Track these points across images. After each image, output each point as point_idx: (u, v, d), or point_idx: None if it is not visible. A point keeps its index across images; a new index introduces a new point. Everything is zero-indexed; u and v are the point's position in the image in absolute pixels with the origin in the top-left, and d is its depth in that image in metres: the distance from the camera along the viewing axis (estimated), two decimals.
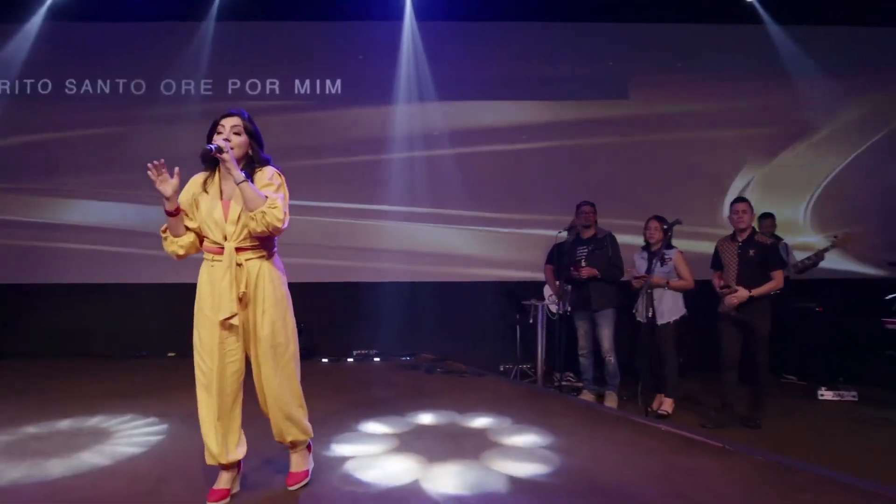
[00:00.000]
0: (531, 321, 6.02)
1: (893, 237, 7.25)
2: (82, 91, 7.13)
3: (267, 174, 2.73)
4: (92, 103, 7.11)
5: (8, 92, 7.08)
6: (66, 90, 7.12)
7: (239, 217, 2.67)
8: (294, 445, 2.94)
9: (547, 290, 5.92)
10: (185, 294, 7.26)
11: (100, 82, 7.13)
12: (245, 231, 2.67)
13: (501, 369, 6.61)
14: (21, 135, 7.09)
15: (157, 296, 6.95)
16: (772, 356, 5.74)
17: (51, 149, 7.07)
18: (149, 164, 2.64)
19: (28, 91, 7.11)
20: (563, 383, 5.61)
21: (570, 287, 5.34)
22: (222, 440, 2.74)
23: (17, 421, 4.03)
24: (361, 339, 7.06)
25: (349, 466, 3.25)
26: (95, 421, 4.05)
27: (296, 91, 7.25)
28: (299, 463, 2.98)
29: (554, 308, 5.69)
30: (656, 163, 7.31)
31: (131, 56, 7.07)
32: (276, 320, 2.74)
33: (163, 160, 2.68)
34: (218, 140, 2.64)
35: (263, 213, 2.58)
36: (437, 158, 7.26)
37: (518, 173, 7.25)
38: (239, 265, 2.68)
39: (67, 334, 6.84)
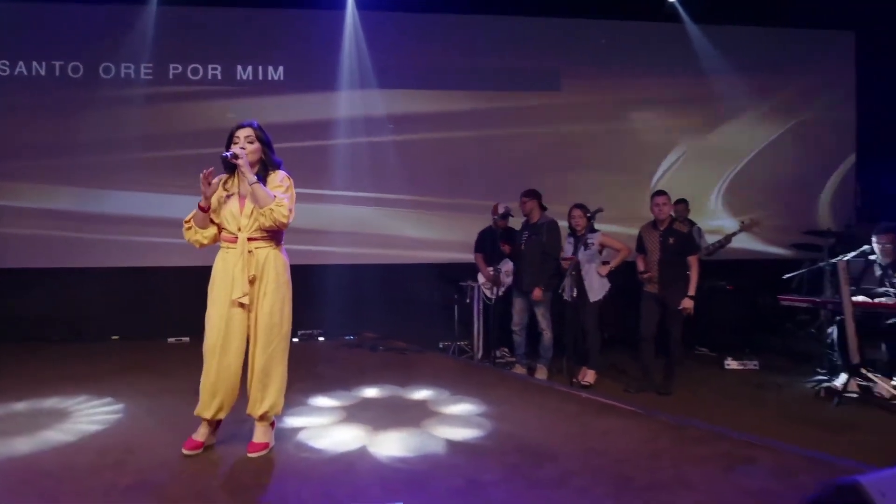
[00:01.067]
0: (468, 301, 6.41)
1: (796, 221, 7.98)
2: (16, 73, 7.00)
3: (278, 178, 3.24)
4: (28, 85, 7.00)
5: None
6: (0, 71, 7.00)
7: (252, 212, 3.12)
8: (262, 418, 3.25)
9: (481, 277, 6.32)
10: (125, 278, 7.37)
11: (35, 64, 7.02)
12: (256, 224, 3.14)
13: (441, 346, 6.98)
14: None
15: (98, 281, 7.00)
16: (686, 330, 6.37)
17: None
18: (203, 172, 3.09)
19: None
20: (498, 359, 6.05)
21: (511, 266, 5.79)
22: (211, 399, 3.14)
23: None
24: (306, 320, 7.29)
25: (302, 436, 3.56)
26: (52, 402, 4.20)
27: (238, 77, 7.35)
28: (261, 435, 3.28)
29: (489, 293, 6.11)
30: (585, 152, 7.80)
31: (69, 38, 6.97)
32: (274, 302, 3.17)
33: (212, 169, 3.13)
34: (234, 148, 3.11)
35: (271, 209, 3.07)
36: (378, 145, 7.51)
37: (455, 160, 7.60)
38: (250, 252, 3.13)
39: (7, 320, 6.81)
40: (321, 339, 7.15)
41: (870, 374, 4.94)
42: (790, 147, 8.19)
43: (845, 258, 5.20)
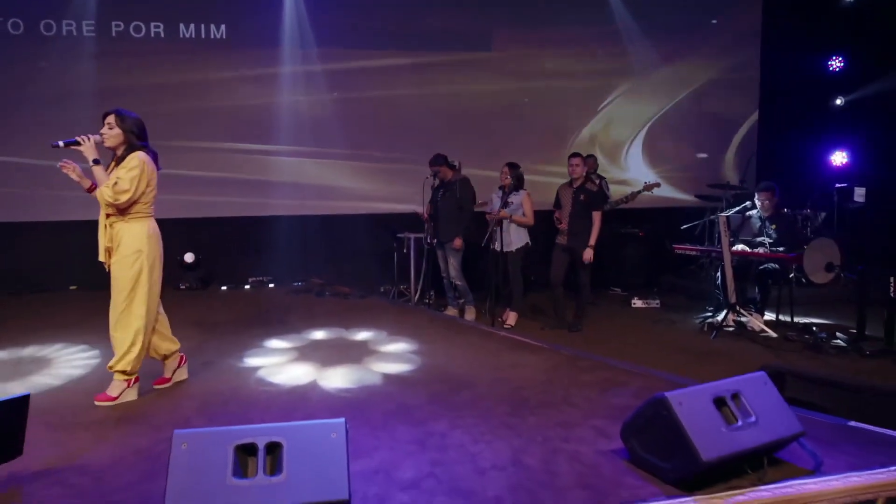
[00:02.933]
0: (405, 251, 7.06)
1: (703, 174, 8.88)
2: None
3: (129, 160, 3.55)
4: None
5: None
6: None
7: None
8: (113, 369, 3.65)
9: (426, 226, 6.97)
10: (76, 230, 7.62)
11: None
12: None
13: (382, 290, 7.65)
14: None
15: (53, 233, 7.30)
16: (600, 272, 7.24)
17: None
18: (60, 167, 3.54)
19: None
20: (429, 301, 6.77)
21: (434, 222, 6.42)
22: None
23: None
24: (256, 268, 7.83)
25: (261, 373, 4.21)
26: (31, 350, 4.70)
27: (181, 35, 7.55)
28: (111, 387, 3.64)
29: (427, 240, 6.78)
30: (513, 109, 8.41)
31: None
32: (119, 270, 3.59)
33: (67, 162, 3.55)
34: (95, 135, 3.57)
35: (101, 191, 3.49)
36: (318, 102, 7.91)
37: (391, 117, 8.09)
38: (110, 226, 3.60)
39: None
40: (271, 285, 7.71)
41: (743, 311, 5.90)
42: (699, 106, 9.01)
43: (727, 213, 6.07)
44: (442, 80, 8.23)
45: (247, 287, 7.65)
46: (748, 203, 6.50)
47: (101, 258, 3.64)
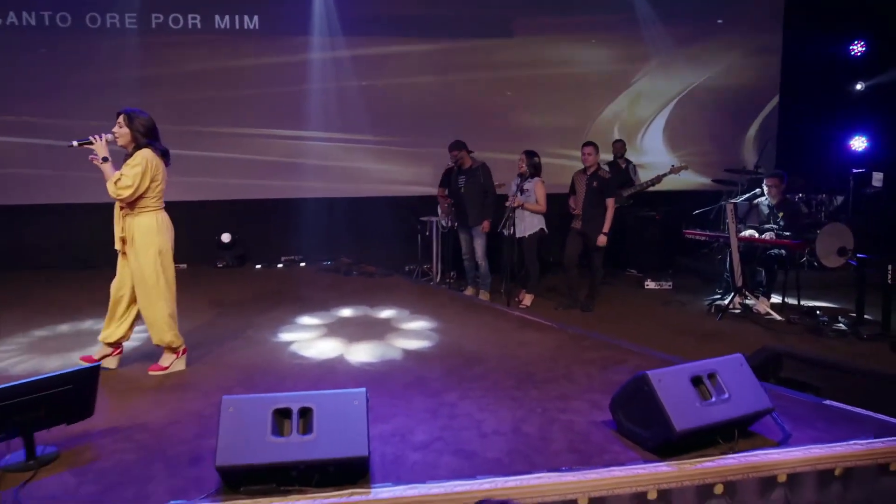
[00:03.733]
0: (427, 234, 7.44)
1: (723, 158, 9.04)
2: (8, 22, 7.52)
3: (134, 157, 3.87)
4: (19, 34, 7.54)
5: None
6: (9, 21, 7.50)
7: None
8: (159, 346, 4.11)
9: (440, 208, 7.32)
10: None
11: (25, 14, 7.55)
12: None
13: (406, 269, 8.06)
14: None
15: (102, 215, 7.80)
16: (618, 254, 7.53)
17: None
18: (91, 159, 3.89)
19: None
20: (450, 281, 7.16)
21: (455, 206, 6.77)
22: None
23: (22, 327, 5.14)
24: (288, 247, 8.30)
25: (293, 347, 4.65)
26: (89, 324, 5.22)
27: (216, 26, 7.96)
28: (162, 359, 4.11)
29: (444, 223, 7.14)
30: (534, 95, 8.67)
31: None
32: (137, 261, 3.96)
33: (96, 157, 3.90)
34: (107, 134, 3.93)
35: (107, 186, 3.83)
36: (344, 89, 8.28)
37: (413, 103, 8.43)
38: (124, 217, 3.98)
39: (24, 250, 7.65)
40: (302, 264, 8.17)
41: (748, 294, 6.16)
42: (720, 89, 9.14)
43: (736, 200, 6.30)
44: (463, 67, 8.51)
45: (279, 266, 8.12)
46: (757, 190, 6.71)
47: (117, 246, 4.03)
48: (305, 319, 5.45)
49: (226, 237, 8.01)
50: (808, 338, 5.43)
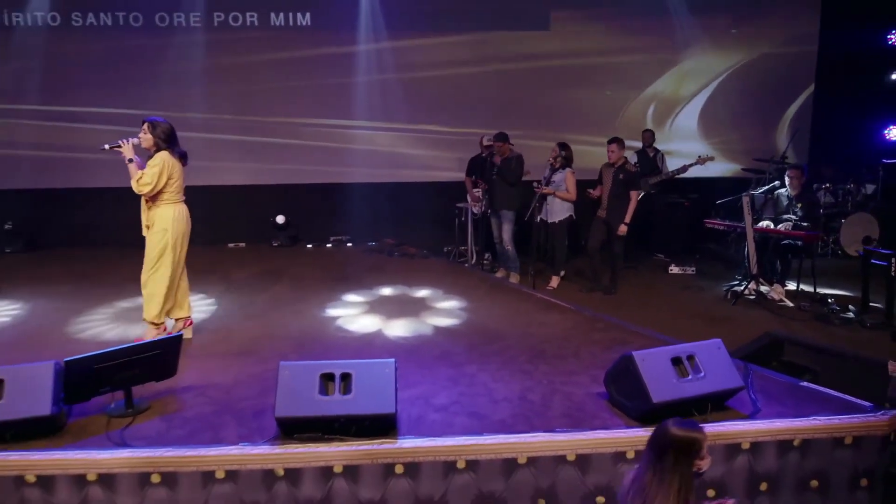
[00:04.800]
0: (462, 219, 7.99)
1: (755, 146, 9.25)
2: (87, 23, 8.34)
3: (153, 160, 4.50)
4: (96, 33, 8.36)
5: (22, 23, 8.24)
6: (73, 22, 8.33)
7: None
8: (145, 321, 4.70)
9: (469, 196, 7.86)
10: (196, 194, 8.75)
11: (102, 15, 8.34)
12: None
13: (445, 250, 8.63)
14: (25, 60, 8.29)
15: None
16: (647, 239, 7.94)
17: (63, 73, 8.39)
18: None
19: (39, 22, 8.28)
20: (485, 263, 7.74)
21: (488, 192, 7.30)
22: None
23: (109, 298, 5.96)
24: (337, 228, 8.99)
25: (338, 322, 5.33)
26: None
27: (271, 23, 8.61)
28: (146, 332, 4.69)
29: (476, 210, 7.67)
30: (570, 85, 9.05)
31: None
32: (149, 245, 4.60)
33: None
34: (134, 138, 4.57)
35: (132, 183, 4.44)
36: (388, 80, 8.84)
37: (452, 93, 8.93)
38: (147, 208, 4.59)
39: (96, 228, 8.52)
40: (349, 244, 8.86)
41: (762, 281, 6.52)
42: (754, 78, 9.32)
43: (753, 192, 6.64)
44: (501, 58, 8.95)
45: (328, 245, 8.83)
46: (776, 182, 7.00)
47: (144, 233, 4.64)
48: (351, 297, 6.12)
49: (280, 218, 8.74)
50: (815, 324, 5.76)
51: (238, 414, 3.58)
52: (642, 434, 3.31)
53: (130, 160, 4.49)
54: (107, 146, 4.55)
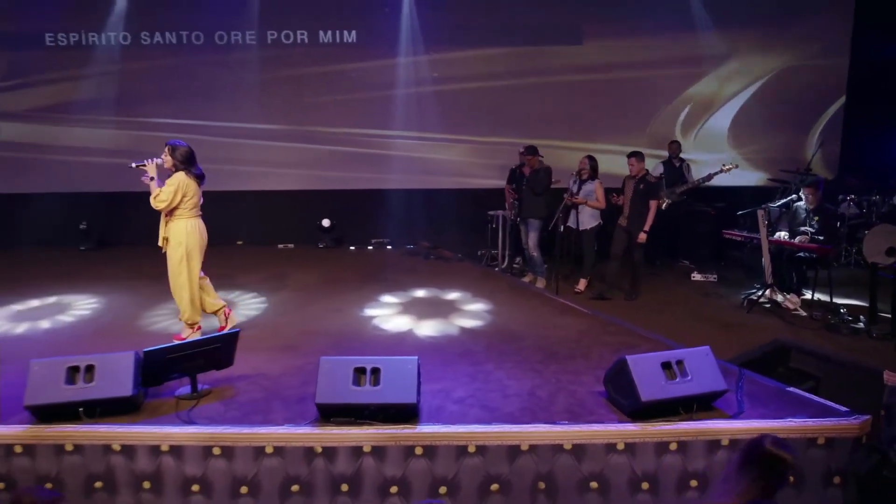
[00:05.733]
0: (493, 226, 8.49)
1: (785, 156, 9.46)
2: (154, 41, 9.17)
3: (171, 179, 5.02)
4: (163, 50, 9.19)
5: (97, 43, 9.11)
6: (142, 41, 9.16)
7: None
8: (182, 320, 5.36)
9: (507, 203, 8.36)
10: (249, 199, 9.50)
11: (168, 34, 9.15)
12: None
13: (479, 254, 9.15)
14: (101, 75, 9.19)
15: (232, 200, 9.38)
16: (672, 246, 8.31)
17: (133, 86, 9.24)
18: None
19: (112, 42, 9.14)
20: (516, 267, 8.23)
21: (518, 201, 7.80)
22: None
23: (168, 296, 6.66)
24: (378, 231, 9.62)
25: (375, 321, 5.91)
26: (222, 294, 6.69)
27: (320, 40, 9.27)
28: (183, 331, 5.36)
29: (510, 217, 8.17)
30: (602, 97, 9.45)
31: (191, 13, 9.04)
32: (169, 256, 5.17)
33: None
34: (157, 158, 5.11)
35: (151, 199, 4.99)
36: (426, 92, 9.42)
37: (486, 105, 9.45)
38: (165, 222, 5.14)
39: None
40: (389, 247, 9.47)
41: (777, 290, 6.83)
42: (785, 88, 9.53)
43: (771, 205, 6.96)
44: (535, 72, 9.40)
45: (370, 248, 9.46)
46: (794, 196, 7.28)
47: (160, 244, 5.16)
48: (387, 298, 6.70)
49: (325, 222, 9.42)
50: (824, 333, 6.07)
51: (284, 399, 4.19)
52: (632, 429, 3.79)
53: (152, 178, 5.01)
54: (133, 164, 5.10)
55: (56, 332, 5.72)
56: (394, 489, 3.73)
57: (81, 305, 6.46)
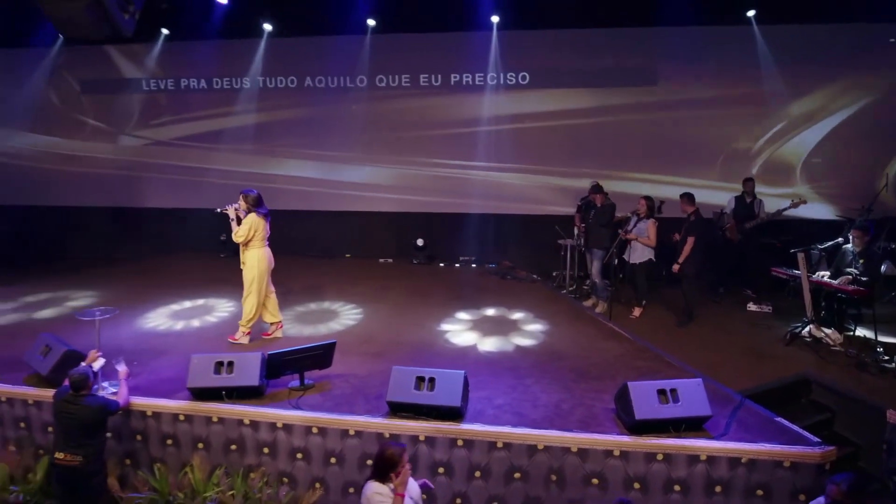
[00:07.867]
0: (562, 253, 9.51)
1: (858, 194, 9.73)
2: (305, 85, 11.06)
3: (246, 220, 6.54)
4: (290, 93, 11.00)
5: (239, 87, 11.06)
6: (276, 84, 11.02)
7: None
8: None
9: (576, 231, 9.36)
10: (353, 219, 11.04)
11: (308, 78, 11.03)
12: None
13: (553, 274, 10.18)
14: (244, 112, 11.17)
15: (340, 220, 11.12)
16: (739, 276, 8.96)
17: (266, 122, 11.12)
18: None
19: (249, 85, 11.09)
20: (585, 287, 9.23)
21: (585, 232, 8.78)
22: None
23: (289, 302, 8.28)
24: (464, 250, 10.92)
25: (447, 335, 7.18)
26: (326, 305, 8.24)
27: (420, 83, 10.70)
28: (237, 333, 6.84)
29: (578, 244, 9.17)
30: (676, 136, 10.19)
31: (327, 61, 10.83)
32: (245, 276, 6.67)
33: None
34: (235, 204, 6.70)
35: (232, 235, 6.53)
36: (508, 130, 10.62)
37: (564, 141, 10.50)
38: (244, 252, 6.61)
39: (291, 242, 11.12)
40: (473, 265, 10.74)
41: (818, 327, 7.38)
42: (859, 126, 9.81)
43: (815, 248, 7.53)
44: (612, 111, 10.30)
45: (457, 265, 10.77)
46: (840, 239, 7.75)
47: (241, 266, 6.71)
48: (461, 314, 7.95)
49: (420, 241, 10.84)
50: (852, 371, 6.60)
51: (366, 396, 5.55)
52: (626, 440, 4.81)
53: (232, 219, 6.64)
54: (219, 209, 6.77)
55: (204, 330, 7.44)
56: (441, 469, 4.99)
57: (222, 307, 8.21)
